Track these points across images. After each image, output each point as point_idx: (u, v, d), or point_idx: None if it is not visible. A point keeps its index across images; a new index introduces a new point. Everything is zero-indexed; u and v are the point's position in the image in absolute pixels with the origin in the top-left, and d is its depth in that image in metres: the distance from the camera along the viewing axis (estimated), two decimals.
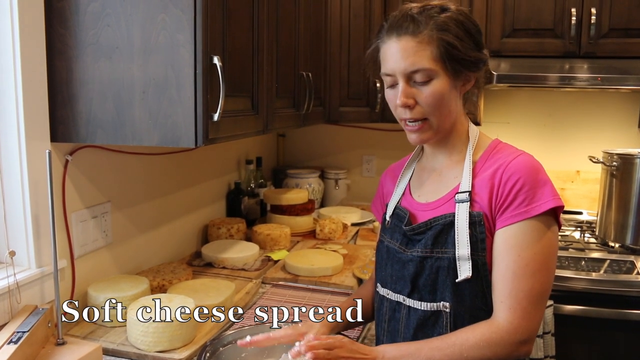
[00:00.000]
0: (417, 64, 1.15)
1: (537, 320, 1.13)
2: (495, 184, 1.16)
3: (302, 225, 2.64)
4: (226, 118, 1.49)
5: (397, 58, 1.16)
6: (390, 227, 1.33)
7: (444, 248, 1.18)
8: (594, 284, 2.15)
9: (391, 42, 1.18)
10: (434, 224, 1.21)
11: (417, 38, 1.15)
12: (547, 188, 1.14)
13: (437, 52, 1.15)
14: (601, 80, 2.35)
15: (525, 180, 1.13)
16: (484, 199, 1.17)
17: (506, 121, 3.03)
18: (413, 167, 1.38)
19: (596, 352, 2.21)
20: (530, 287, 1.11)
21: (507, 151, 1.22)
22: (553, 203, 1.12)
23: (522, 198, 1.13)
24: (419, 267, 1.21)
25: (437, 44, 1.15)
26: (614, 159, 2.33)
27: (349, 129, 3.24)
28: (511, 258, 1.12)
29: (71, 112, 1.46)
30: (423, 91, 1.17)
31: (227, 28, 1.49)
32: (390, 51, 1.18)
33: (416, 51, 1.15)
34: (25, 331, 1.25)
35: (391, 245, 1.30)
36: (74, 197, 1.61)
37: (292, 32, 2.10)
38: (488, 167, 1.20)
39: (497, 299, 1.14)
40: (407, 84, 1.17)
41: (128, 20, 1.39)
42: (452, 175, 1.26)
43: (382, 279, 1.33)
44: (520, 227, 1.12)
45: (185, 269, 1.91)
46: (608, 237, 2.39)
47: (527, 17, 2.53)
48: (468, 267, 1.15)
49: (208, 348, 1.32)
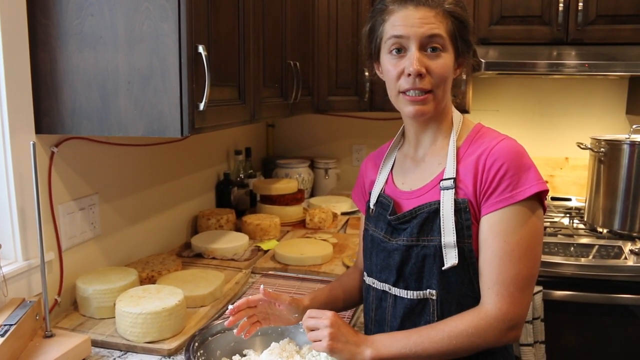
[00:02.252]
0: (435, 30, 1.15)
1: (525, 305, 1.13)
2: (479, 170, 1.15)
3: (291, 215, 2.64)
4: (212, 107, 1.48)
5: (415, 23, 1.16)
6: (375, 216, 1.32)
7: (430, 236, 1.18)
8: (582, 269, 2.17)
9: (408, 10, 1.17)
10: (419, 212, 1.20)
11: (435, 10, 1.16)
12: (531, 172, 1.14)
13: (451, 28, 1.18)
14: (589, 66, 2.35)
15: (509, 165, 1.13)
16: (468, 185, 1.16)
17: (495, 109, 3.04)
18: (394, 155, 1.37)
19: (585, 336, 2.24)
20: (517, 273, 1.11)
21: (490, 136, 1.22)
22: (537, 187, 1.12)
23: (506, 183, 1.12)
24: (404, 256, 1.20)
25: (452, 20, 1.18)
26: (601, 145, 2.34)
27: (338, 118, 3.24)
28: (497, 244, 1.12)
29: (56, 103, 1.45)
30: (435, 61, 1.17)
31: (212, 16, 1.48)
32: (407, 18, 1.17)
33: (434, 21, 1.16)
34: (13, 324, 1.24)
35: (376, 234, 1.29)
36: (61, 189, 1.59)
37: (279, 20, 2.09)
38: (471, 153, 1.19)
39: (484, 285, 1.14)
40: (420, 51, 1.16)
41: (112, 9, 1.37)
42: (436, 161, 1.25)
43: (367, 268, 1.33)
44: (505, 213, 1.12)
45: (174, 260, 1.91)
46: (596, 222, 2.40)
47: (515, 4, 2.53)
48: (454, 255, 1.15)
49: (197, 338, 1.32)
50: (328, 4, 2.62)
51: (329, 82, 2.69)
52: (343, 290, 1.43)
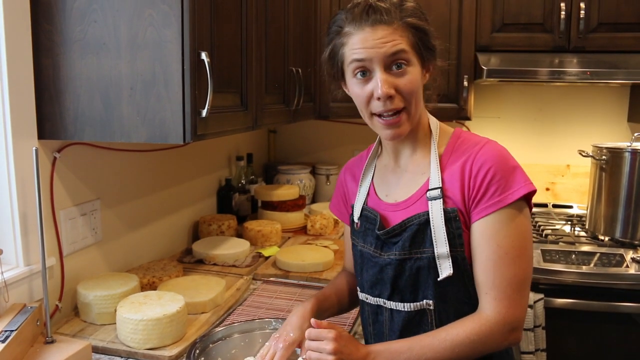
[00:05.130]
0: (397, 46, 1.12)
1: (523, 307, 1.13)
2: (465, 176, 1.14)
3: (293, 222, 2.63)
4: (215, 114, 1.48)
5: (375, 44, 1.11)
6: (361, 231, 1.29)
7: (422, 248, 1.16)
8: (584, 277, 2.17)
9: (365, 32, 1.12)
10: (409, 225, 1.18)
11: (392, 26, 1.12)
12: (517, 174, 1.13)
13: (413, 39, 1.14)
14: (590, 74, 2.36)
15: (495, 169, 1.12)
16: (456, 194, 1.15)
17: (497, 116, 3.04)
18: (374, 165, 1.34)
19: (587, 344, 2.23)
20: (512, 275, 1.11)
21: (471, 141, 1.20)
22: (526, 189, 1.11)
23: (494, 188, 1.11)
24: (398, 270, 1.19)
25: (412, 31, 1.14)
26: (603, 152, 2.34)
27: (340, 124, 3.24)
28: (490, 249, 1.12)
29: (58, 109, 1.45)
30: (402, 79, 1.13)
31: (214, 23, 1.48)
32: (366, 40, 1.12)
33: (394, 38, 1.12)
34: (14, 330, 1.24)
35: (365, 249, 1.27)
36: (63, 194, 1.60)
37: (281, 27, 2.09)
38: (455, 160, 1.18)
39: (481, 291, 1.14)
40: (385, 72, 1.13)
41: (115, 16, 1.38)
42: (419, 171, 1.23)
43: (359, 283, 1.31)
44: (495, 217, 1.12)
45: (175, 266, 1.91)
46: (598, 230, 2.40)
47: (517, 12, 2.54)
48: (449, 265, 1.14)
49: (198, 345, 1.32)
50: (330, 11, 2.62)
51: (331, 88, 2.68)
52: (337, 296, 1.41)
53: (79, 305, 1.56)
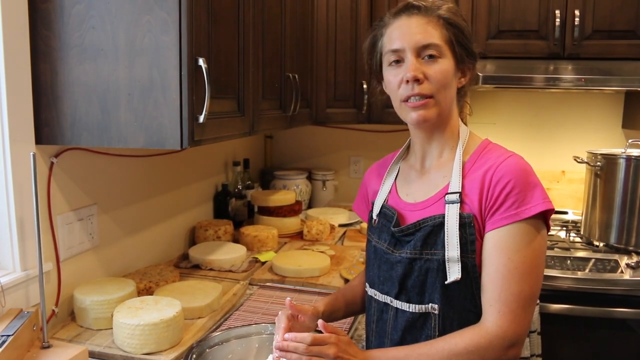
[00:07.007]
0: (429, 39, 1.17)
1: (526, 324, 1.13)
2: (485, 185, 1.15)
3: (289, 227, 2.64)
4: (212, 120, 1.49)
5: (408, 33, 1.18)
6: (378, 227, 1.32)
7: (434, 249, 1.17)
8: (579, 283, 2.18)
9: (401, 21, 1.21)
10: (423, 225, 1.19)
11: (428, 18, 1.19)
12: (537, 191, 1.13)
13: (446, 34, 1.19)
14: (585, 81, 2.37)
15: (515, 182, 1.12)
16: (473, 200, 1.16)
17: (492, 122, 3.05)
18: (399, 165, 1.37)
19: (582, 350, 2.24)
20: (519, 291, 1.10)
21: (497, 152, 1.21)
22: (543, 206, 1.11)
23: (512, 200, 1.12)
24: (407, 269, 1.20)
25: (446, 27, 1.19)
26: (597, 159, 2.36)
27: (336, 130, 3.25)
28: (501, 261, 1.11)
29: (56, 114, 1.46)
30: (432, 67, 1.17)
31: (212, 30, 1.49)
32: (401, 29, 1.20)
33: (427, 29, 1.18)
34: (10, 335, 1.24)
35: (379, 245, 1.29)
36: (60, 199, 1.60)
37: (278, 33, 2.10)
38: (478, 168, 1.19)
39: (486, 302, 1.13)
40: (417, 59, 1.18)
41: (113, 22, 1.38)
42: (441, 174, 1.24)
43: (370, 279, 1.32)
44: (510, 230, 1.12)
45: (172, 271, 1.91)
46: (593, 236, 2.41)
47: (512, 19, 2.55)
48: (457, 269, 1.14)
49: (194, 350, 1.32)
50: (327, 17, 2.64)
51: (327, 94, 2.70)
52: (349, 298, 1.43)
53: (76, 310, 1.56)
